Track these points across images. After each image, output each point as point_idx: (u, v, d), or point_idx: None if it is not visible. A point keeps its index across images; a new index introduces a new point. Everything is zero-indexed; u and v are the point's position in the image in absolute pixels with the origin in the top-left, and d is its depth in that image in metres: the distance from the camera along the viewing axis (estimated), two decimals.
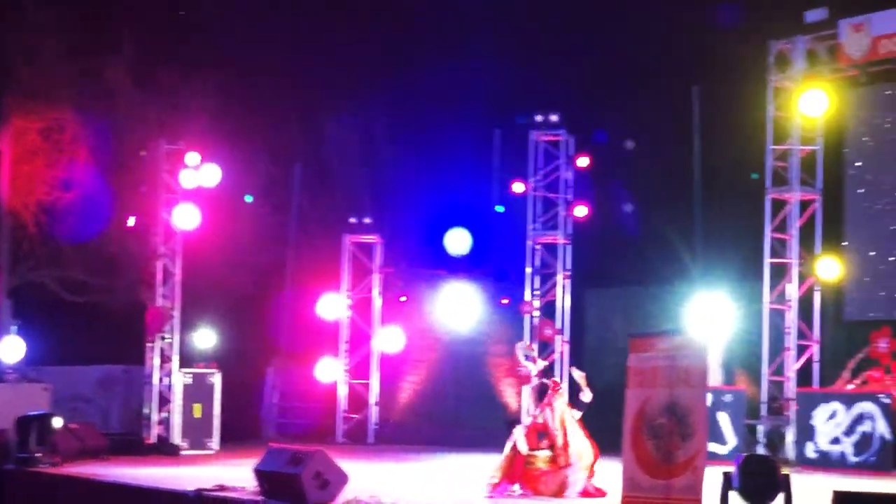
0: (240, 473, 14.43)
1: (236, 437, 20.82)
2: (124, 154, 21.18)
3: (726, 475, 8.25)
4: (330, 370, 22.96)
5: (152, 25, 23.55)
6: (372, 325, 23.05)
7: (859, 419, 17.44)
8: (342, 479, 11.97)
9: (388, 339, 23.00)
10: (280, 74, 25.15)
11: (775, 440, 19.83)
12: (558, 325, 22.32)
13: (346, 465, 12.32)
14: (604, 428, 13.60)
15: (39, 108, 20.51)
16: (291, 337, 24.05)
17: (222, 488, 12.88)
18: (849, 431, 17.55)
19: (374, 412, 23.00)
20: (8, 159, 18.92)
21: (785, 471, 8.25)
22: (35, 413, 16.56)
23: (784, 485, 8.32)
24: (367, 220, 22.74)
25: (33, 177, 20.42)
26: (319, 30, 25.79)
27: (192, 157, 19.12)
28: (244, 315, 23.79)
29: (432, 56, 25.42)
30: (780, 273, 20.35)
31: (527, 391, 13.71)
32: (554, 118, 22.33)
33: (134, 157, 20.68)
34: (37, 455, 15.76)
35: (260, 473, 12.31)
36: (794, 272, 20.20)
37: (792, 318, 20.17)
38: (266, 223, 24.32)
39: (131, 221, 20.03)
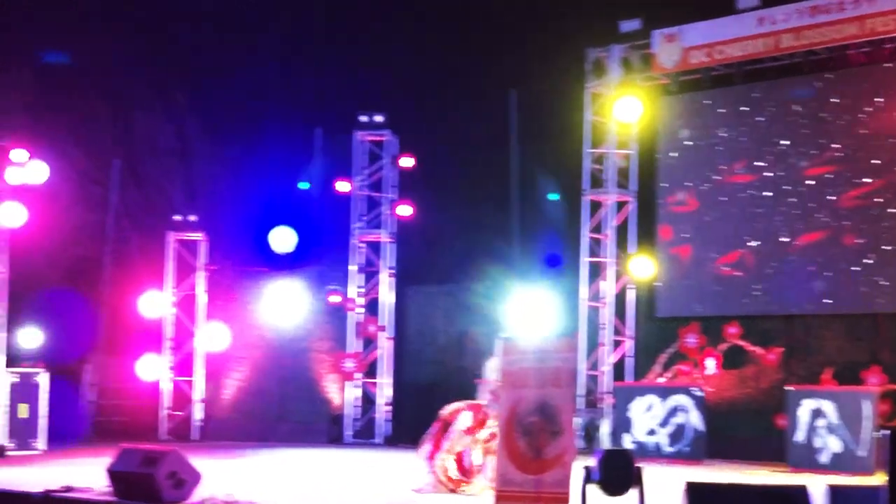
0: (77, 473, 14.35)
1: (55, 436, 20.48)
2: None
3: (586, 469, 8.81)
4: (152, 367, 22.81)
5: None
6: (196, 323, 23.01)
7: (674, 411, 18.42)
8: (196, 477, 12.07)
9: (212, 337, 22.99)
10: (92, 68, 24.81)
11: (591, 432, 20.75)
12: (381, 322, 22.76)
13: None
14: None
15: None
16: (110, 335, 23.74)
17: (70, 489, 12.76)
18: (664, 423, 18.51)
19: (197, 409, 22.97)
20: None
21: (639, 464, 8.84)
22: None
23: (638, 477, 8.91)
24: (192, 218, 22.64)
25: None
26: (133, 22, 25.52)
27: (18, 154, 18.74)
28: (62, 313, 23.37)
29: (254, 53, 25.48)
30: (596, 271, 21.29)
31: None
32: (378, 119, 22.72)
33: None
34: None
35: (113, 474, 12.28)
36: (610, 270, 21.17)
37: (607, 314, 21.14)
38: (84, 220, 23.96)
39: None
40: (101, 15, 24.87)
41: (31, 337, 20.13)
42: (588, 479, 8.94)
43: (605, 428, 20.32)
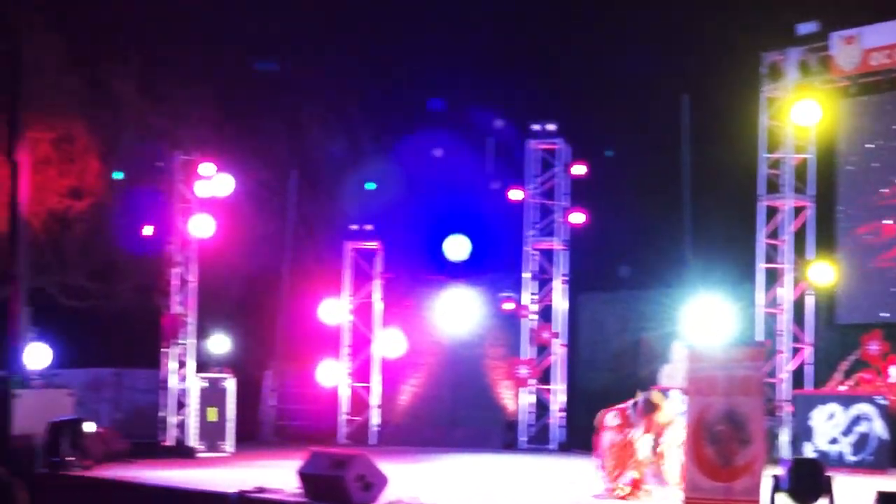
0: (266, 474, 14.88)
1: (237, 439, 21.21)
2: (136, 163, 21.52)
3: (776, 477, 8.80)
4: (331, 373, 23.39)
5: (151, 35, 23.90)
6: (372, 330, 23.50)
7: (857, 420, 18.02)
8: (383, 481, 12.42)
9: (389, 344, 23.46)
10: (268, 81, 25.53)
11: (770, 440, 20.44)
12: (555, 328, 22.88)
13: None
14: None
15: (50, 117, 20.80)
16: (289, 341, 24.44)
17: (262, 490, 13.26)
18: (847, 431, 18.12)
19: (375, 414, 23.45)
20: (26, 171, 19.16)
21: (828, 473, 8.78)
22: (67, 418, 16.94)
23: (828, 486, 8.86)
24: (367, 227, 23.16)
25: (44, 186, 20.74)
26: (307, 36, 26.16)
27: (206, 168, 19.51)
28: (244, 320, 24.16)
29: (425, 64, 25.86)
30: (773, 277, 20.99)
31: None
32: (551, 127, 22.87)
33: (147, 167, 21.04)
34: (68, 459, 16.14)
35: (304, 476, 12.73)
36: (788, 277, 20.82)
37: (785, 321, 20.80)
38: (264, 230, 24.70)
39: (148, 230, 20.38)
40: (275, 32, 25.62)
41: (220, 343, 20.88)
42: (777, 487, 8.94)
43: (783, 436, 20.00)
